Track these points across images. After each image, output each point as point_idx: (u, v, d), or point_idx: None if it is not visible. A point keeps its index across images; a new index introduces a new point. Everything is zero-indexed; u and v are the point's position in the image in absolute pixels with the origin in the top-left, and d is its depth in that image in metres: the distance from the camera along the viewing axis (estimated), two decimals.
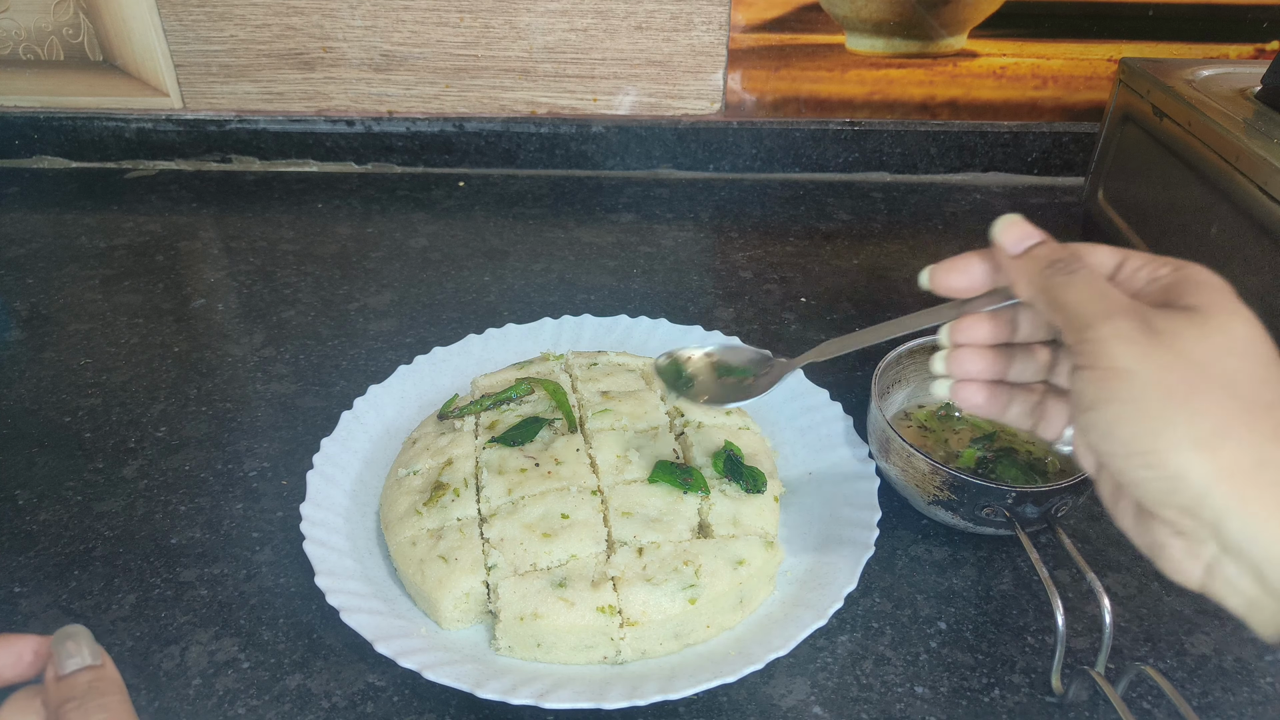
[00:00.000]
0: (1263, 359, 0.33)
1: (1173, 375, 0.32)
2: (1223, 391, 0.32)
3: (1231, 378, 0.32)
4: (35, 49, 1.04)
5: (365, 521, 0.59)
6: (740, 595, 0.52)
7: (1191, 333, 0.32)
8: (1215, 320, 0.33)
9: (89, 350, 0.78)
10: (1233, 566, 0.32)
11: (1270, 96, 0.70)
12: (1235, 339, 0.33)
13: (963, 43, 1.03)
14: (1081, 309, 0.35)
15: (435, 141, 1.09)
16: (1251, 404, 0.31)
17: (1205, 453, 0.31)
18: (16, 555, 0.58)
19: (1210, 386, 0.32)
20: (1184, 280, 0.35)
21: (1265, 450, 0.31)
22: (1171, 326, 0.33)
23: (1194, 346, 0.32)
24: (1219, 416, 0.31)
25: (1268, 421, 0.31)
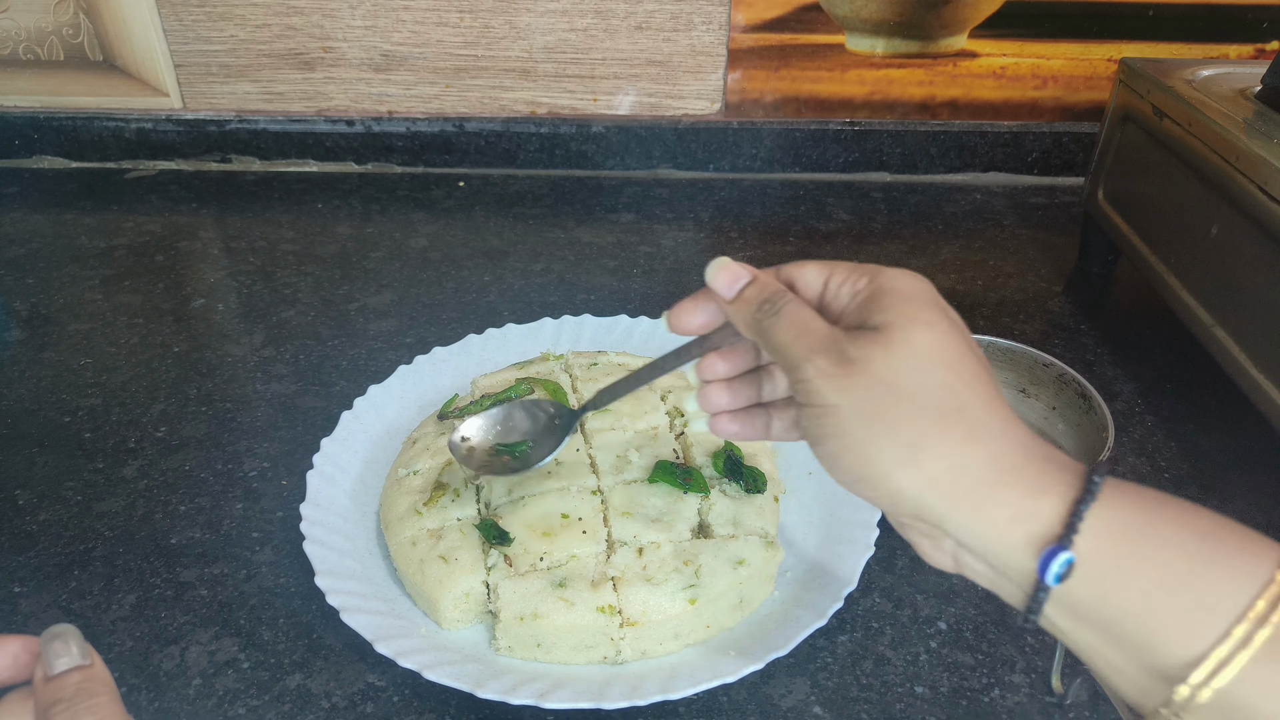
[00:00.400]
0: (945, 364, 0.34)
1: (870, 403, 0.34)
2: (913, 407, 0.33)
3: (919, 391, 0.33)
4: (35, 49, 1.04)
5: (365, 522, 0.59)
6: (740, 595, 0.52)
7: (879, 355, 0.34)
8: (898, 336, 0.34)
9: (89, 350, 0.78)
10: (968, 556, 0.34)
11: (1270, 96, 0.70)
12: (917, 352, 0.34)
13: (963, 43, 1.03)
14: (789, 351, 0.37)
15: (435, 141, 1.09)
16: (941, 413, 0.33)
17: (910, 468, 0.33)
18: (16, 555, 0.58)
19: (902, 405, 0.33)
20: (876, 293, 0.36)
21: (959, 455, 0.33)
22: (862, 353, 0.34)
23: (882, 369, 0.34)
24: (913, 432, 0.33)
25: (957, 427, 0.33)
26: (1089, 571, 0.31)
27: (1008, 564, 0.33)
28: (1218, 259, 0.68)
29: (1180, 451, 0.68)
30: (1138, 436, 0.69)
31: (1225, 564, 0.30)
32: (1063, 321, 0.83)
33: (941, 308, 0.36)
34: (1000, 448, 0.33)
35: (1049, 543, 0.31)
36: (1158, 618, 0.30)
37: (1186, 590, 0.30)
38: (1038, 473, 0.32)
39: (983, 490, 0.33)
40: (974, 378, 0.34)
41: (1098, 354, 0.78)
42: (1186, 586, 0.30)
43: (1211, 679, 0.29)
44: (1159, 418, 0.71)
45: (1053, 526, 0.32)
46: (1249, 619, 0.28)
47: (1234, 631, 0.29)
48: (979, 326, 0.82)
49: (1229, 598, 0.29)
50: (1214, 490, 0.64)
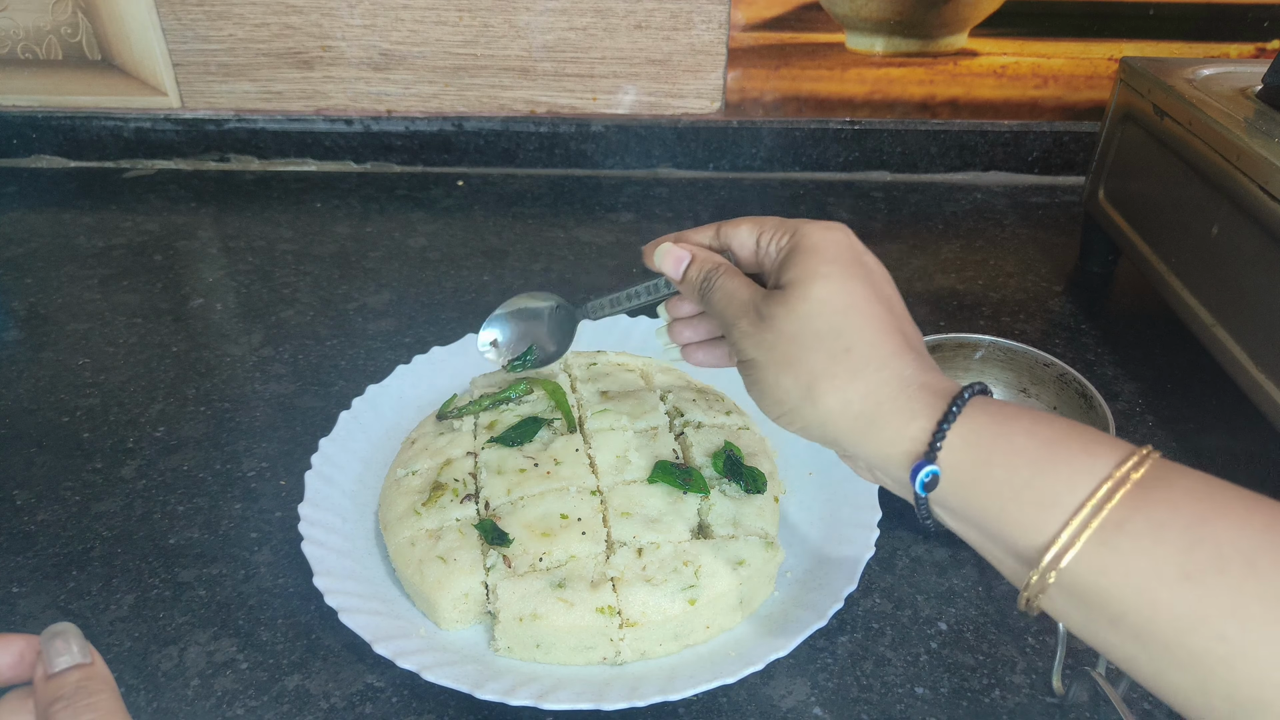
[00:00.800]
0: (837, 311, 0.40)
1: (776, 352, 0.41)
2: (809, 352, 0.40)
3: (812, 338, 0.40)
4: (34, 48, 1.04)
5: (364, 522, 0.59)
6: (740, 596, 0.52)
7: (783, 311, 0.40)
8: (799, 291, 0.40)
9: (87, 350, 0.78)
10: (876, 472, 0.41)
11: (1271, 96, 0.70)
12: (812, 304, 0.40)
13: (963, 42, 1.03)
14: (722, 316, 0.44)
15: (434, 141, 1.09)
16: (830, 355, 0.39)
17: (809, 404, 0.40)
18: (14, 555, 0.58)
19: (799, 352, 0.40)
20: (792, 250, 0.42)
21: (845, 391, 0.39)
22: (771, 310, 0.41)
23: (784, 323, 0.40)
24: (809, 374, 0.39)
25: (843, 366, 0.39)
26: (952, 480, 0.37)
27: (896, 476, 0.39)
28: (1218, 258, 0.67)
29: (1180, 451, 0.68)
30: (1138, 436, 0.69)
31: (1067, 464, 0.34)
32: (1063, 321, 0.83)
33: (843, 259, 0.41)
34: (880, 380, 0.39)
35: (917, 459, 0.37)
36: (1011, 514, 0.35)
37: (1031, 490, 0.34)
38: (912, 399, 0.38)
39: (866, 418, 0.39)
40: (864, 320, 0.40)
41: (1098, 354, 0.78)
42: (1031, 486, 0.34)
43: (1057, 562, 0.33)
44: (1159, 417, 0.71)
45: (920, 445, 0.37)
46: (1085, 509, 0.33)
47: (1071, 521, 0.33)
48: (979, 326, 0.82)
49: (1068, 493, 0.33)
50: None
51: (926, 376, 0.39)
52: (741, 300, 0.43)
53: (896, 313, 0.41)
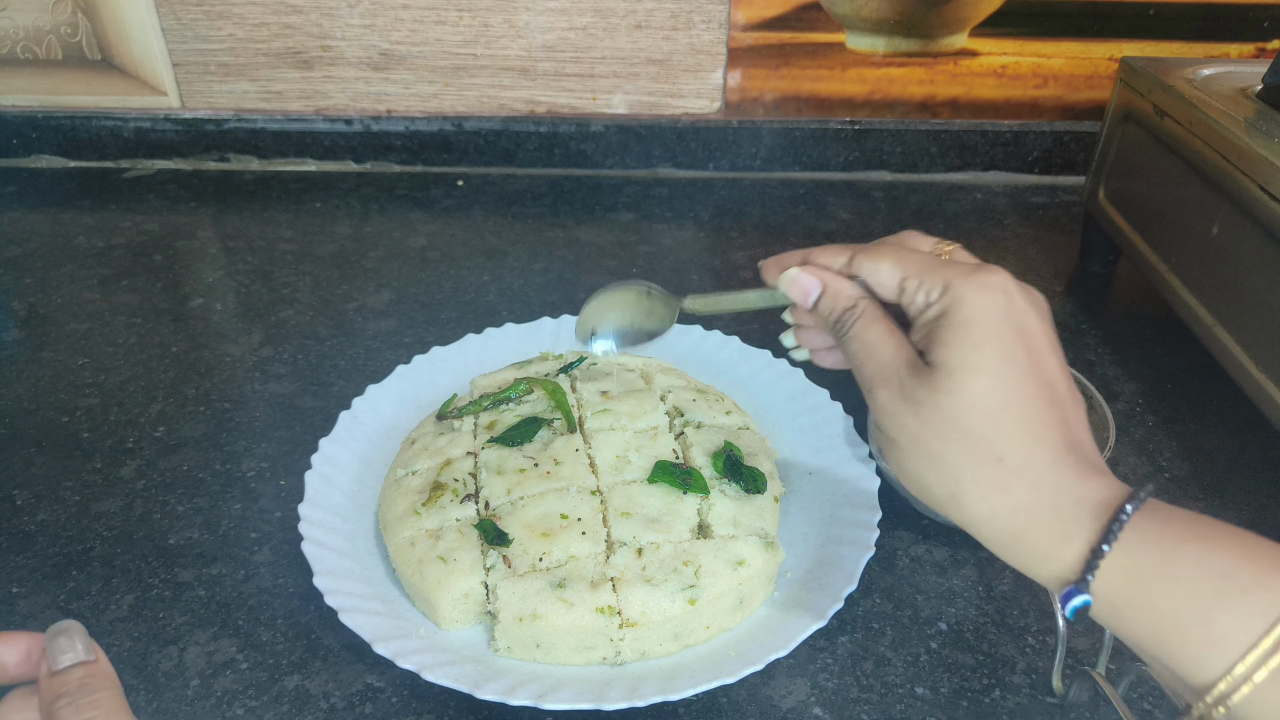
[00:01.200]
0: (990, 410, 0.36)
1: (921, 444, 0.37)
2: (957, 456, 0.36)
3: (963, 441, 0.36)
4: (33, 48, 1.04)
5: (364, 522, 0.59)
6: (740, 596, 0.52)
7: (932, 400, 0.37)
8: (948, 384, 0.37)
9: (87, 350, 0.78)
10: None
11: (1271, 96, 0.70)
12: (966, 401, 0.36)
13: (963, 41, 1.03)
14: (859, 371, 0.41)
15: (434, 140, 1.09)
16: (979, 462, 0.36)
17: (955, 507, 0.37)
18: (14, 555, 0.58)
19: (946, 452, 0.37)
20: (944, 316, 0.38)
21: (993, 503, 0.36)
22: (918, 394, 0.37)
23: (932, 415, 0.37)
24: (955, 480, 0.37)
25: (993, 478, 0.36)
26: (1105, 608, 0.34)
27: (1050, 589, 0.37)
28: (1218, 258, 0.67)
29: (1181, 451, 0.68)
30: (1139, 436, 0.69)
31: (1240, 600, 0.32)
32: (1063, 321, 0.83)
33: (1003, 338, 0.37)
34: (1032, 498, 0.36)
35: (1068, 585, 0.35)
36: (1173, 648, 0.33)
37: (1200, 627, 0.32)
38: (1065, 519, 0.35)
39: (1013, 535, 0.36)
40: (1021, 424, 0.36)
41: (1099, 353, 0.78)
42: (1200, 624, 0.32)
43: (1226, 699, 0.31)
44: (1160, 417, 0.71)
45: (1072, 571, 0.35)
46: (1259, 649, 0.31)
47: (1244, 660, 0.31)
48: None
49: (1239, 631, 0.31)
50: (1214, 490, 0.64)
51: (1083, 488, 0.35)
52: (883, 362, 0.39)
53: (1059, 397, 0.37)
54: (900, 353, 0.39)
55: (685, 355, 0.73)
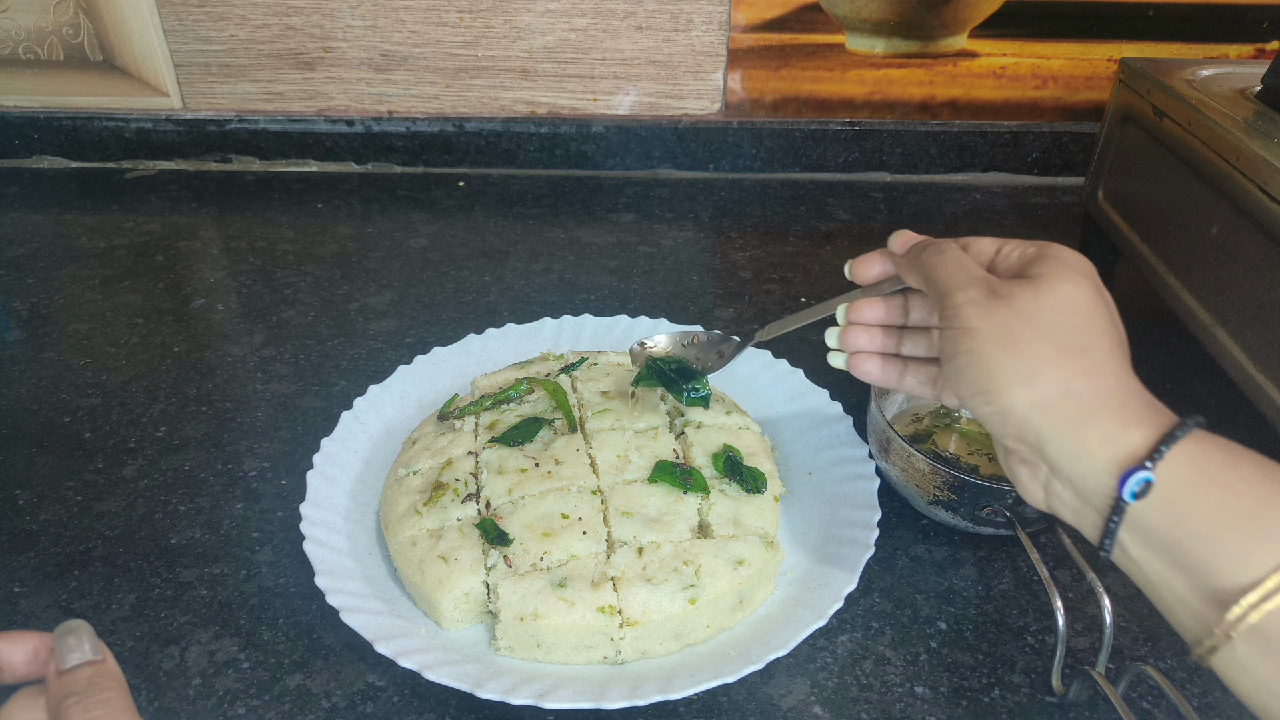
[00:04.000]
0: (1081, 312, 0.39)
1: (1006, 328, 0.39)
2: (1044, 339, 0.38)
3: (1053, 328, 0.38)
4: (35, 49, 1.04)
5: (365, 521, 0.59)
6: (740, 595, 0.52)
7: (1026, 294, 0.39)
8: (1047, 283, 0.40)
9: (89, 350, 0.78)
10: (1058, 483, 0.39)
11: (1270, 96, 0.70)
12: (1061, 297, 0.39)
13: (963, 42, 1.03)
14: (944, 281, 0.42)
15: (435, 141, 1.09)
16: (1066, 347, 0.38)
17: (1024, 388, 0.38)
18: (16, 555, 0.58)
19: (1034, 335, 0.38)
20: (1039, 256, 0.42)
21: (1071, 384, 0.37)
22: (1012, 291, 0.40)
23: (1026, 305, 0.39)
24: (1036, 358, 0.38)
25: (1078, 362, 0.38)
26: (1164, 496, 0.35)
27: (1092, 486, 0.37)
28: (1218, 259, 0.68)
29: None
30: None
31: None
32: None
33: (1091, 276, 0.41)
34: (1109, 385, 0.37)
35: (1130, 464, 0.35)
36: (1222, 542, 0.33)
37: (1253, 521, 0.32)
38: (1136, 409, 0.37)
39: (1083, 415, 0.37)
40: (1103, 332, 0.39)
41: None
42: (1254, 518, 0.32)
43: (1263, 602, 0.31)
44: None
45: (1138, 451, 0.36)
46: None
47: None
48: None
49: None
50: None
51: (1150, 397, 0.38)
52: (974, 272, 0.42)
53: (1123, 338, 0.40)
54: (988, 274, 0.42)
55: None
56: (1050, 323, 0.38)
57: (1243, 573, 0.32)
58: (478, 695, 0.46)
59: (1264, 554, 0.32)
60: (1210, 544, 0.33)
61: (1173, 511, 0.35)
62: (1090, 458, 0.37)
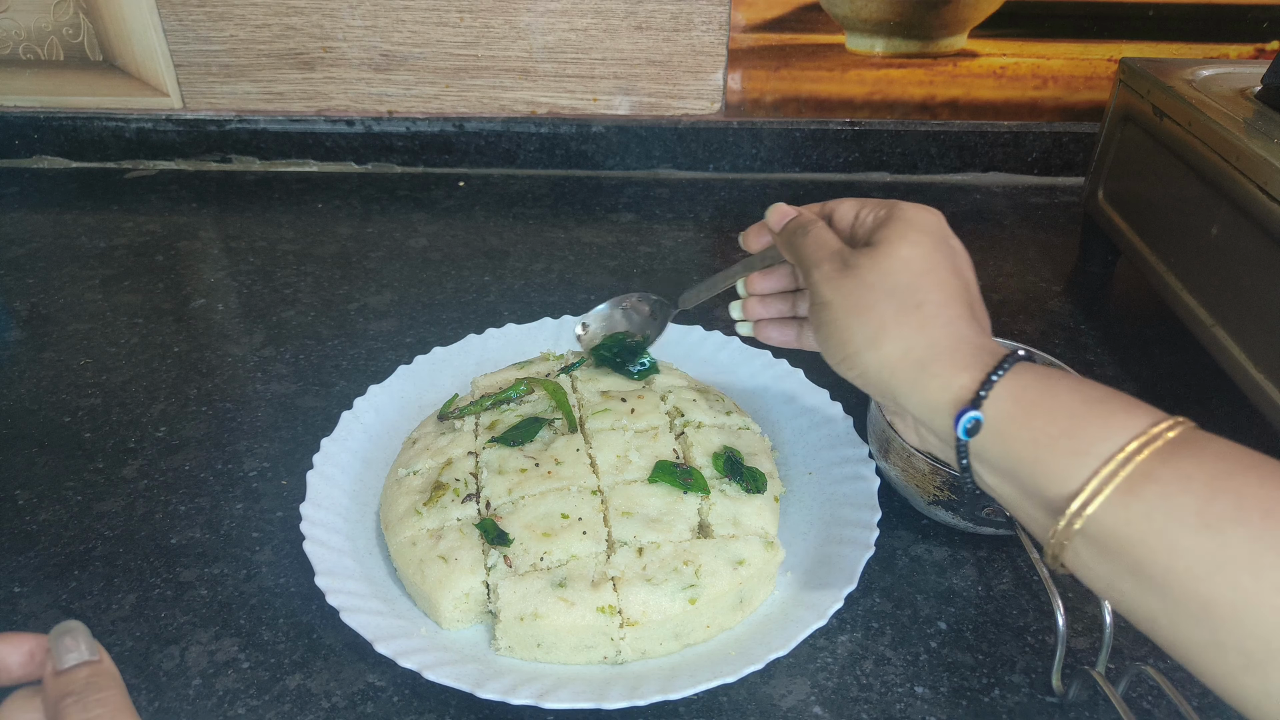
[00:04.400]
0: (916, 270, 0.43)
1: (853, 298, 0.43)
2: (884, 302, 0.42)
3: (891, 290, 0.42)
4: (35, 49, 1.04)
5: (365, 521, 0.59)
6: (740, 595, 0.52)
7: (869, 262, 0.44)
8: (886, 247, 0.44)
9: (89, 350, 0.78)
10: (924, 429, 0.43)
11: (1270, 96, 0.70)
12: (899, 259, 0.43)
13: (963, 43, 1.03)
14: (806, 259, 0.47)
15: (435, 141, 1.09)
16: (903, 306, 0.42)
17: (873, 350, 0.42)
18: (16, 555, 0.58)
19: (875, 300, 0.43)
20: (887, 219, 0.46)
21: (909, 340, 0.42)
22: (858, 261, 0.44)
23: (869, 273, 0.43)
24: (879, 322, 0.42)
25: (912, 318, 0.42)
26: (994, 429, 0.38)
27: (941, 428, 0.41)
28: (1218, 259, 0.68)
29: None
30: None
31: (1104, 419, 0.36)
32: (1063, 321, 0.83)
33: (934, 234, 0.44)
34: (941, 335, 0.41)
35: (963, 405, 0.39)
36: (1045, 461, 0.36)
37: (1068, 439, 0.36)
38: (966, 354, 0.41)
39: (921, 367, 0.41)
40: (940, 284, 0.43)
41: (1098, 354, 0.78)
42: (1068, 436, 0.36)
43: (1084, 509, 0.34)
44: None
45: (968, 393, 0.39)
46: (1115, 460, 0.34)
47: (1101, 470, 0.34)
48: None
49: (1102, 443, 0.35)
50: None
51: (983, 340, 0.42)
52: (830, 247, 0.46)
53: (971, 291, 0.44)
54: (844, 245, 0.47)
55: (685, 355, 0.73)
56: (889, 285, 0.42)
57: (1065, 485, 0.35)
58: (478, 695, 0.46)
59: (1079, 467, 0.35)
60: (1035, 465, 0.37)
61: (1003, 442, 0.38)
62: (933, 405, 0.41)
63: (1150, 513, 0.33)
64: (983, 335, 0.42)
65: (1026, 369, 0.39)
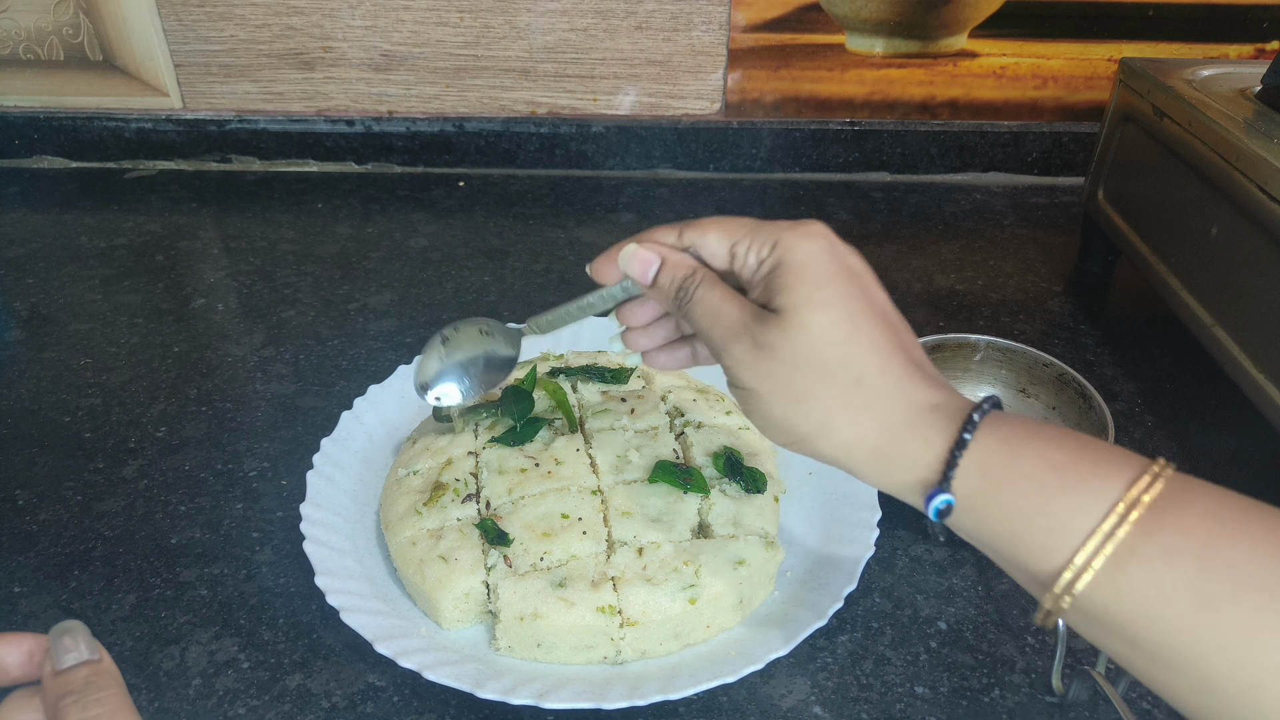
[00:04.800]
0: (840, 341, 0.38)
1: (782, 385, 0.39)
2: (819, 386, 0.38)
3: (821, 370, 0.38)
4: (35, 49, 1.04)
5: (365, 521, 0.59)
6: (740, 595, 0.52)
7: (784, 341, 0.38)
8: (797, 319, 0.38)
9: (89, 350, 0.78)
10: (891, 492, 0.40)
11: (1270, 96, 0.70)
12: (814, 334, 0.38)
13: (963, 42, 1.03)
14: (708, 336, 0.41)
15: (435, 141, 1.09)
16: (841, 389, 0.38)
17: (824, 440, 0.39)
18: (16, 555, 0.58)
19: (808, 385, 0.38)
20: (777, 268, 0.40)
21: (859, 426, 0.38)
22: (769, 338, 0.39)
23: (787, 354, 0.38)
24: (821, 411, 0.38)
25: (855, 399, 0.38)
26: (965, 507, 0.36)
27: (914, 503, 0.38)
28: (1218, 259, 0.68)
29: (1180, 451, 0.68)
30: (1138, 436, 0.69)
31: (1076, 489, 0.33)
32: (1063, 321, 0.83)
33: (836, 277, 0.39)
34: (892, 409, 0.37)
35: (931, 487, 0.37)
36: (1023, 540, 0.34)
37: (1043, 516, 0.34)
38: (925, 426, 0.37)
39: (880, 451, 0.38)
40: (870, 345, 0.38)
41: (1098, 354, 0.78)
42: (1043, 513, 0.34)
43: (1071, 588, 0.33)
44: (1159, 418, 0.71)
45: (934, 473, 0.37)
46: (1096, 536, 0.32)
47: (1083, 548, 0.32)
48: (979, 326, 0.82)
49: (1079, 518, 0.33)
50: None
51: (937, 396, 0.38)
52: (730, 320, 0.40)
53: (893, 323, 0.40)
54: (744, 309, 0.40)
55: None
56: (816, 365, 0.38)
57: (1048, 562, 0.33)
58: (478, 695, 0.46)
59: (1059, 546, 0.33)
60: (1013, 542, 0.35)
61: (977, 519, 0.36)
62: (900, 485, 0.38)
63: (1140, 592, 0.31)
64: (933, 386, 0.38)
65: (990, 430, 0.36)
